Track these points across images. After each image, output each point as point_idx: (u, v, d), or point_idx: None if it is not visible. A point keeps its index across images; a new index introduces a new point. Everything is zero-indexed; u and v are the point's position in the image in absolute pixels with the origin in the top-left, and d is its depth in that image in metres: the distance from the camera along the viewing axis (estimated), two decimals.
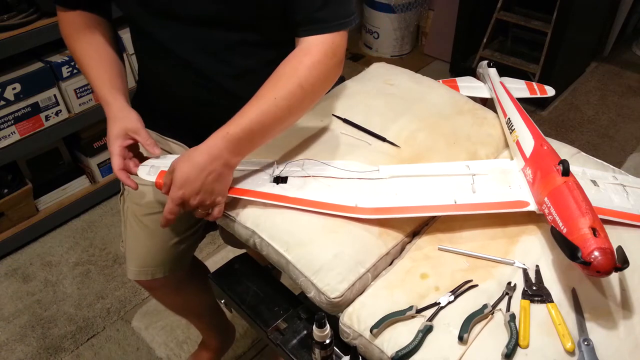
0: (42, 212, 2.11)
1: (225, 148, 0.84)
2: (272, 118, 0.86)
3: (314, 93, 0.90)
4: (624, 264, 0.74)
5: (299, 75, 0.87)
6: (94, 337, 1.78)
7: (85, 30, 1.01)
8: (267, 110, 0.85)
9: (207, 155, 0.84)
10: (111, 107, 0.95)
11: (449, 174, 0.97)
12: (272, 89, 0.87)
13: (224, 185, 0.89)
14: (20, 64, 1.83)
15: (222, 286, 1.02)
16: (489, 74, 1.31)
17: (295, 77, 0.87)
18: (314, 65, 0.88)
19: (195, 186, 0.84)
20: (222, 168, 0.86)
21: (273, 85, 0.87)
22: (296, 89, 0.87)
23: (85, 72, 1.01)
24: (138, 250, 1.16)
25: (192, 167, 0.84)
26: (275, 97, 0.86)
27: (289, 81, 0.87)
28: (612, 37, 3.09)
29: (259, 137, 0.88)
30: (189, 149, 0.88)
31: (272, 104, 0.85)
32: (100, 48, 1.01)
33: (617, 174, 1.03)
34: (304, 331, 0.91)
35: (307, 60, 0.88)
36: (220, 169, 0.85)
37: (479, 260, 0.87)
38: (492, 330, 0.77)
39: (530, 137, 0.99)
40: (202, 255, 1.99)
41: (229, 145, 0.85)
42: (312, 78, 0.88)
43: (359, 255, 0.86)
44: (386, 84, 1.22)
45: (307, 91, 0.88)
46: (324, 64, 0.89)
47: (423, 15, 3.21)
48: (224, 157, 0.85)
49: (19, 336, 1.78)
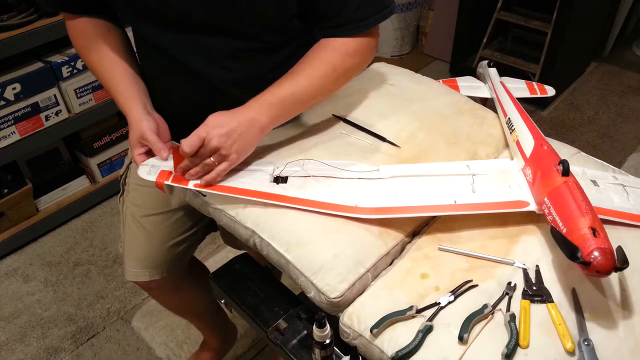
0: (42, 212, 2.11)
1: (258, 108, 0.90)
2: (305, 94, 0.92)
3: (346, 77, 0.97)
4: (623, 264, 0.74)
5: (332, 61, 0.93)
6: (94, 337, 1.78)
7: (97, 40, 1.01)
8: (301, 86, 0.91)
9: (246, 112, 0.89)
10: (128, 117, 0.97)
11: (449, 174, 0.97)
12: (308, 68, 0.92)
13: (249, 145, 0.91)
14: (20, 64, 1.83)
15: (222, 286, 1.02)
16: (489, 73, 1.31)
17: (329, 62, 0.93)
18: (349, 53, 0.94)
19: (222, 129, 0.87)
20: (251, 123, 0.89)
21: (309, 66, 0.92)
22: (330, 72, 0.93)
23: (103, 83, 1.02)
24: (136, 251, 1.16)
25: (225, 114, 0.88)
26: (311, 75, 0.92)
27: (323, 64, 0.92)
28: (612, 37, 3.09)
29: (290, 109, 0.93)
30: None
31: (307, 82, 0.91)
32: (115, 58, 1.02)
33: (617, 174, 1.03)
34: (304, 331, 0.91)
35: (343, 49, 0.93)
36: (253, 128, 0.89)
37: (479, 260, 0.87)
38: (492, 330, 0.77)
39: (530, 137, 0.99)
40: (202, 255, 1.99)
41: (262, 107, 0.90)
42: (346, 64, 0.94)
43: (359, 255, 0.86)
44: (386, 84, 1.22)
45: (339, 74, 0.94)
46: (358, 52, 0.95)
47: (423, 15, 3.21)
48: (256, 114, 0.89)
49: (19, 336, 1.78)
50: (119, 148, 2.24)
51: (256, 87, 0.93)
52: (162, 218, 1.12)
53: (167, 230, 1.13)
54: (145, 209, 1.12)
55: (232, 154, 0.89)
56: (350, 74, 0.97)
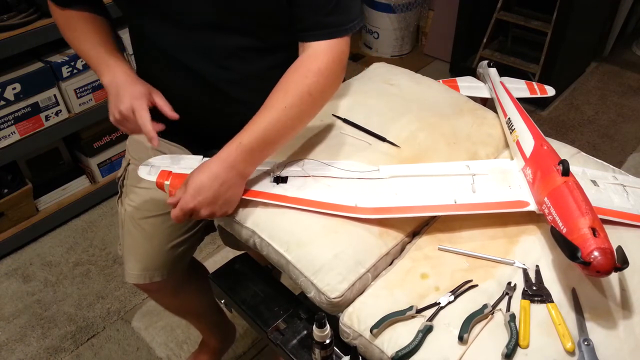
0: (42, 212, 2.11)
1: (239, 158, 0.86)
2: (283, 126, 0.88)
3: (322, 99, 0.92)
4: (623, 264, 0.75)
5: (307, 83, 0.88)
6: (94, 337, 1.78)
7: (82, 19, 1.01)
8: (278, 119, 0.87)
9: (222, 164, 0.85)
10: (120, 67, 0.94)
11: (449, 174, 0.97)
12: (282, 98, 0.88)
13: (236, 196, 0.90)
14: (20, 64, 1.83)
15: (222, 286, 1.02)
16: (489, 74, 1.31)
17: (304, 85, 0.88)
18: (322, 72, 0.89)
19: (208, 195, 0.85)
20: (236, 178, 0.87)
21: (283, 94, 0.88)
22: (306, 97, 0.88)
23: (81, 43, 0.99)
24: (136, 253, 1.16)
25: (207, 176, 0.85)
26: (286, 105, 0.87)
27: (297, 89, 0.88)
28: (612, 37, 3.08)
29: (271, 145, 0.89)
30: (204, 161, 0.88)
31: (283, 113, 0.87)
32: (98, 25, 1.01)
33: (617, 174, 1.03)
34: (304, 331, 0.91)
35: (315, 67, 0.89)
36: (234, 179, 0.87)
37: (479, 260, 0.87)
38: (492, 330, 0.77)
39: (530, 137, 0.99)
40: (202, 256, 1.99)
41: (244, 155, 0.86)
42: (320, 85, 0.89)
43: (359, 255, 0.86)
44: (386, 84, 1.22)
45: (315, 98, 0.90)
46: (331, 70, 0.90)
47: (423, 15, 3.21)
48: (239, 166, 0.86)
49: (19, 336, 1.78)
50: (119, 148, 2.23)
51: (254, 86, 0.92)
52: (162, 220, 1.12)
53: (167, 231, 1.13)
54: (144, 211, 1.12)
55: (227, 209, 0.89)
56: (323, 96, 0.92)
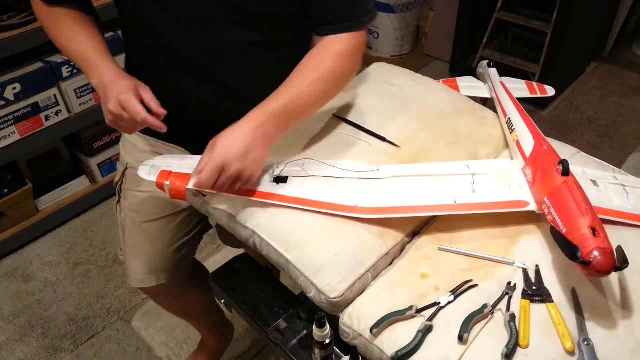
0: (42, 212, 2.11)
1: (265, 120, 0.86)
2: (306, 102, 0.91)
3: (343, 81, 0.97)
4: (623, 263, 0.75)
5: (330, 65, 0.92)
6: (94, 337, 1.78)
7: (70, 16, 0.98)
8: (301, 93, 0.90)
9: (249, 124, 0.86)
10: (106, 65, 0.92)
11: (449, 174, 0.97)
12: (308, 75, 0.92)
13: (262, 158, 0.88)
14: (20, 64, 1.83)
15: (222, 286, 1.02)
16: (489, 74, 1.31)
17: (328, 66, 0.92)
18: (344, 56, 0.93)
19: (239, 149, 0.83)
20: (263, 137, 0.86)
21: (309, 71, 0.92)
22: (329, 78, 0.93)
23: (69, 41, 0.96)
24: (140, 257, 1.16)
25: (235, 132, 0.85)
26: (310, 82, 0.91)
27: (321, 69, 0.92)
28: (612, 37, 3.08)
29: (293, 117, 0.91)
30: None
31: (306, 89, 0.91)
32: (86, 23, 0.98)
33: (617, 174, 1.03)
34: (304, 331, 0.91)
35: (337, 50, 0.93)
36: (261, 138, 0.86)
37: (479, 260, 0.87)
38: (492, 330, 0.77)
39: (530, 137, 0.99)
40: (202, 255, 1.99)
41: (269, 117, 0.87)
42: (342, 68, 0.94)
43: (359, 255, 0.86)
44: (386, 84, 1.22)
45: (338, 79, 0.95)
46: (352, 55, 0.94)
47: (423, 15, 3.21)
48: (265, 126, 0.86)
49: (19, 336, 1.78)
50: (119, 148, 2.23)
51: (259, 83, 0.92)
52: (164, 222, 1.12)
53: (170, 234, 1.13)
54: (145, 215, 1.12)
55: (253, 175, 0.87)
56: (343, 78, 0.96)
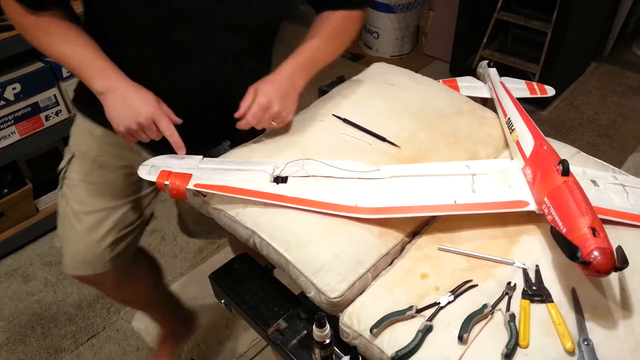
0: (42, 212, 2.11)
1: (293, 69, 1.01)
2: (324, 53, 1.08)
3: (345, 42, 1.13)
4: (623, 263, 0.75)
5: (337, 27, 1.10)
6: (94, 337, 1.78)
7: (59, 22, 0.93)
8: (316, 49, 1.06)
9: (283, 72, 1.00)
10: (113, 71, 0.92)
11: (448, 174, 0.97)
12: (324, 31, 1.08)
13: (294, 104, 1.01)
14: (20, 64, 1.83)
15: (222, 286, 1.02)
16: (489, 74, 1.31)
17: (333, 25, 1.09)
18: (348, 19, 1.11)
19: (279, 93, 0.97)
20: (294, 84, 1.01)
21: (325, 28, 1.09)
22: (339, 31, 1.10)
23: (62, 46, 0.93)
24: (77, 246, 1.14)
25: (274, 81, 0.98)
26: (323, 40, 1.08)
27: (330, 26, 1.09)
28: (612, 37, 3.09)
29: (313, 68, 1.05)
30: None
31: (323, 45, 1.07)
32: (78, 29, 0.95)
33: (617, 174, 1.03)
34: (304, 331, 0.91)
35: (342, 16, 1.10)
36: (292, 84, 1.00)
37: (479, 260, 0.87)
38: (492, 330, 0.77)
39: (530, 137, 0.99)
40: (202, 256, 1.99)
41: (297, 67, 1.02)
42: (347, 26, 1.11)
43: (359, 255, 0.86)
44: (386, 84, 1.22)
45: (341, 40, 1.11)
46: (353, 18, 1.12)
47: (423, 15, 3.21)
48: (294, 76, 1.01)
49: (19, 336, 1.78)
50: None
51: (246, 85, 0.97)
52: (106, 214, 1.11)
53: (109, 225, 1.12)
54: (88, 206, 1.10)
55: (289, 115, 1.00)
56: (350, 35, 1.12)
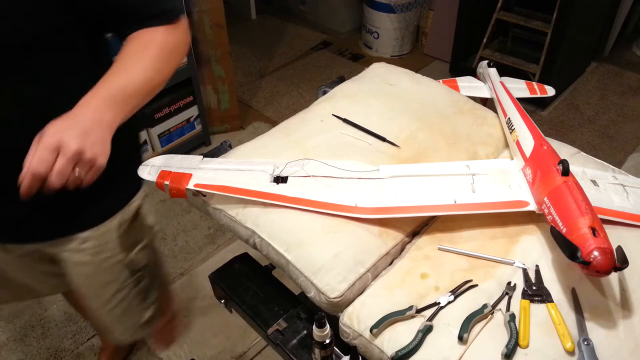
0: None
1: (96, 102, 0.78)
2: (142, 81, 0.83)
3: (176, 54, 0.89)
4: (623, 263, 0.75)
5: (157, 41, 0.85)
6: (94, 337, 1.78)
7: None
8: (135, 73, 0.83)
9: (79, 107, 0.77)
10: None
11: (448, 174, 0.97)
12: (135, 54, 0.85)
13: (105, 141, 0.77)
14: None
15: (222, 286, 1.02)
16: (489, 74, 1.31)
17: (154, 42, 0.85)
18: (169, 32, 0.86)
19: (74, 128, 0.73)
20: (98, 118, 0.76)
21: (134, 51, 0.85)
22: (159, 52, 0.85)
23: None
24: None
25: (66, 117, 0.75)
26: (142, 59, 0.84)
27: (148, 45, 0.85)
28: (612, 37, 3.08)
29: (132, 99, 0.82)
30: None
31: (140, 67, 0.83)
32: None
33: (617, 174, 1.03)
34: (304, 331, 0.91)
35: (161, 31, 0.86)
36: (97, 117, 0.76)
37: (479, 260, 0.87)
38: (492, 330, 0.77)
39: (530, 137, 0.99)
40: (201, 256, 1.98)
41: (101, 99, 0.78)
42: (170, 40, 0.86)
43: (359, 255, 0.86)
44: (386, 84, 1.22)
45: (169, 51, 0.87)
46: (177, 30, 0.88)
47: (423, 15, 3.21)
48: (100, 113, 0.77)
49: (19, 336, 1.78)
50: None
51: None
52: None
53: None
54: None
55: (97, 158, 0.75)
56: (177, 52, 0.89)
